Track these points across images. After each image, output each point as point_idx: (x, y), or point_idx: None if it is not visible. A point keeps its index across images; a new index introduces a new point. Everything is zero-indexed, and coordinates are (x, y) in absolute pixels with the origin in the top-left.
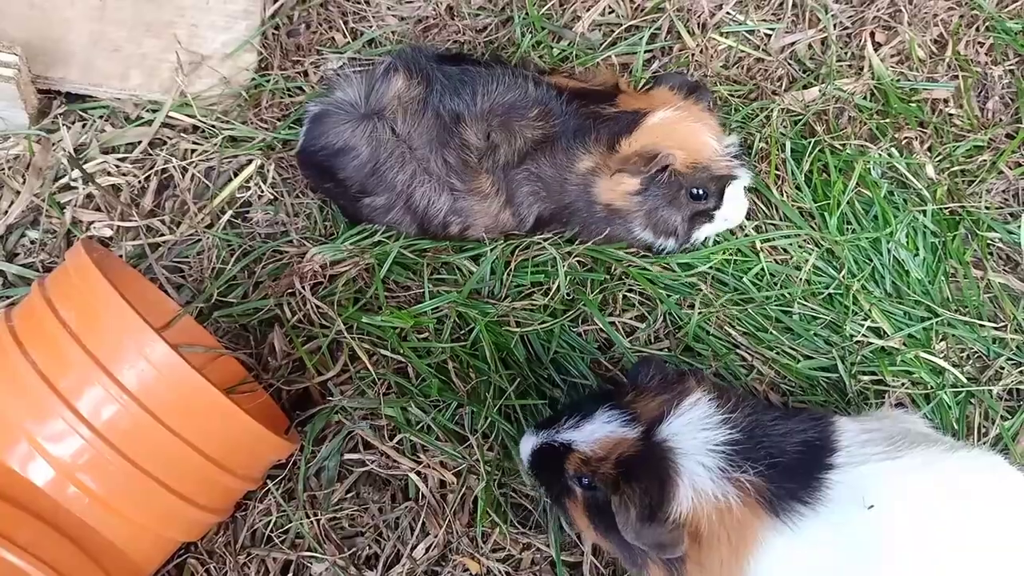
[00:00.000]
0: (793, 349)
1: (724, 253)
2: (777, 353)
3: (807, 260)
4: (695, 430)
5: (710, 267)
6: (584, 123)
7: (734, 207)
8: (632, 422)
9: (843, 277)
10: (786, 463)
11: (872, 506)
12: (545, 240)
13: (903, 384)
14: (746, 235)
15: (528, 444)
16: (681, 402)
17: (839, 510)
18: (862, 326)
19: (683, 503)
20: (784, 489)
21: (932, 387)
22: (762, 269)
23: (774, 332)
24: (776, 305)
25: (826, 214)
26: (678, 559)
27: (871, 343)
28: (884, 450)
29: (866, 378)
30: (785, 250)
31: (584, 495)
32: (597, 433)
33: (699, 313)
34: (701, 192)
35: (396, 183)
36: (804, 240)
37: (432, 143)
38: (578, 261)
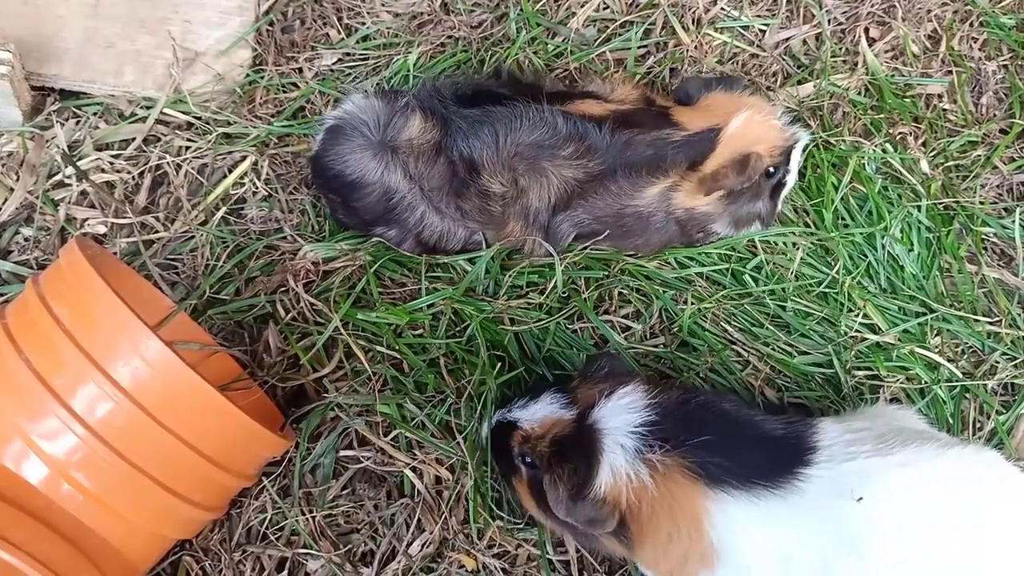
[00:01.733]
0: (789, 345)
1: (722, 250)
2: (773, 349)
3: (798, 255)
4: (619, 413)
5: (710, 269)
6: (647, 152)
7: (797, 165)
8: (570, 405)
9: (837, 273)
10: (731, 445)
11: (861, 498)
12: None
13: (898, 380)
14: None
15: (486, 427)
16: (615, 390)
17: (820, 502)
18: (855, 321)
19: (604, 481)
20: (723, 466)
21: (927, 382)
22: (758, 265)
23: (770, 328)
24: (772, 300)
25: (822, 210)
26: (625, 534)
27: (866, 338)
28: (873, 448)
29: (861, 373)
30: (781, 244)
31: (528, 473)
32: (539, 413)
33: (693, 308)
34: (774, 168)
35: (408, 222)
36: (798, 236)
37: (444, 190)
38: (573, 261)
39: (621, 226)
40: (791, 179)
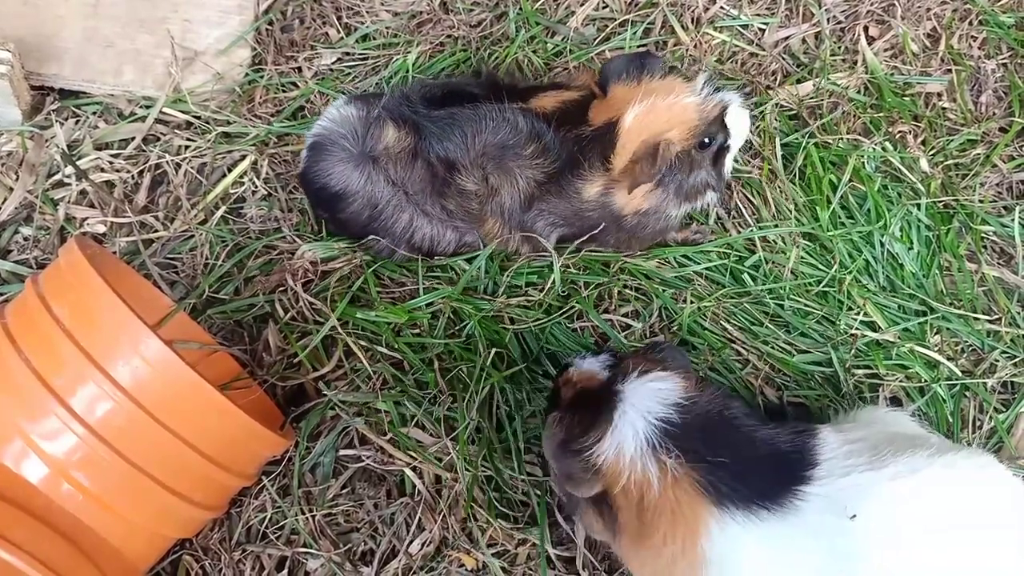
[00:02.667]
0: (788, 343)
1: (720, 248)
2: (772, 348)
3: (794, 253)
4: (646, 396)
5: (708, 267)
6: (572, 150)
7: (738, 127)
8: (610, 368)
9: (836, 272)
10: (742, 466)
11: (855, 516)
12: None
13: (897, 378)
14: (739, 231)
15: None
16: (651, 371)
17: (815, 520)
18: (855, 320)
19: (606, 454)
20: (733, 488)
21: (926, 381)
22: (756, 263)
23: (769, 327)
24: (771, 298)
25: (818, 208)
26: (606, 512)
27: (865, 336)
28: (868, 461)
29: (860, 372)
30: (779, 243)
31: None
32: (586, 364)
33: (693, 307)
34: (708, 139)
35: (396, 230)
36: (797, 235)
37: (427, 191)
38: (573, 261)
39: (591, 227)
40: (735, 142)
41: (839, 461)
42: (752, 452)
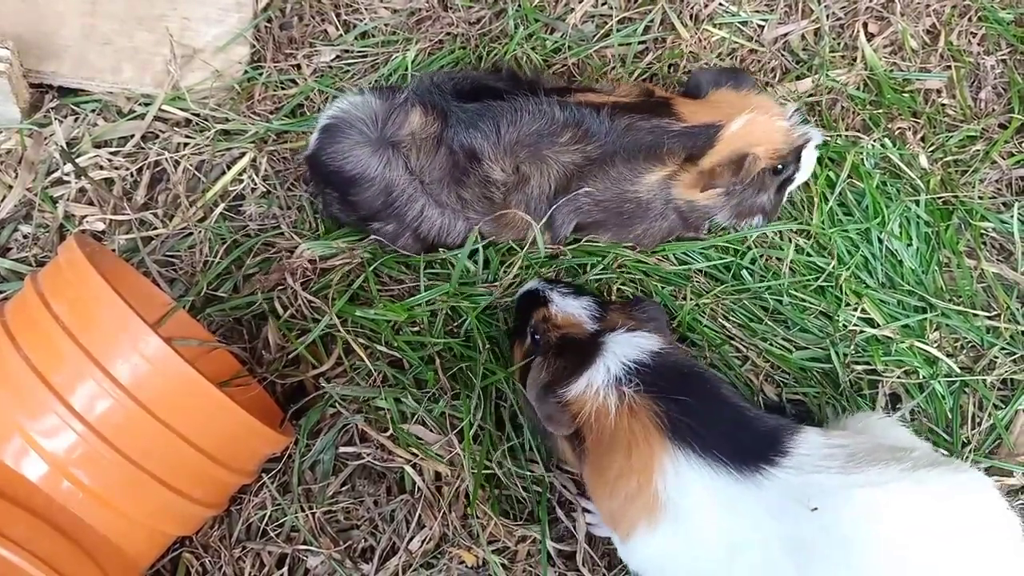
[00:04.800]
0: (787, 340)
1: (719, 244)
2: (771, 344)
3: (790, 249)
4: (625, 345)
5: (708, 265)
6: (645, 139)
7: (807, 164)
8: (597, 320)
9: (834, 268)
10: (710, 419)
11: (816, 508)
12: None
13: (896, 374)
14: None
15: (530, 283)
16: (637, 330)
17: (775, 501)
18: (853, 316)
19: (576, 389)
20: (695, 431)
21: (925, 377)
22: (753, 259)
23: (769, 323)
24: (770, 295)
25: (821, 204)
26: (579, 446)
27: (863, 331)
28: (841, 465)
29: (859, 368)
30: (777, 239)
31: (529, 346)
32: (570, 308)
33: (691, 304)
34: (781, 166)
35: (406, 216)
36: (796, 232)
37: (445, 180)
38: (571, 253)
39: (621, 213)
40: (800, 176)
41: (813, 459)
42: (722, 411)
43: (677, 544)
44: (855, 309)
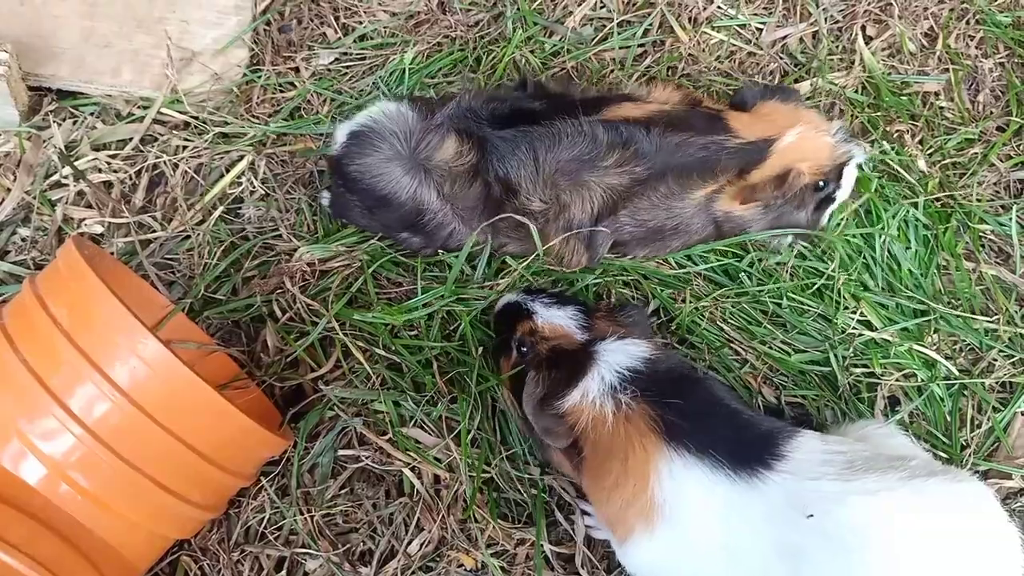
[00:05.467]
0: (785, 343)
1: (717, 249)
2: (770, 347)
3: (791, 254)
4: (617, 353)
5: (706, 268)
6: (698, 155)
7: (848, 183)
8: (586, 330)
9: (834, 271)
10: (705, 420)
11: (811, 515)
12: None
13: (894, 377)
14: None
15: (507, 297)
16: (627, 337)
17: (771, 505)
18: (852, 318)
19: (572, 399)
20: (691, 434)
21: (924, 380)
22: (751, 262)
23: (768, 327)
24: (769, 298)
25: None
26: (577, 456)
27: (862, 334)
28: (838, 471)
29: (858, 371)
30: (775, 242)
31: (516, 359)
32: (556, 319)
33: (690, 307)
34: (824, 183)
35: (437, 236)
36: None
37: (477, 210)
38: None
39: (662, 230)
40: (840, 195)
41: (811, 465)
42: (717, 413)
43: (674, 547)
44: (854, 312)
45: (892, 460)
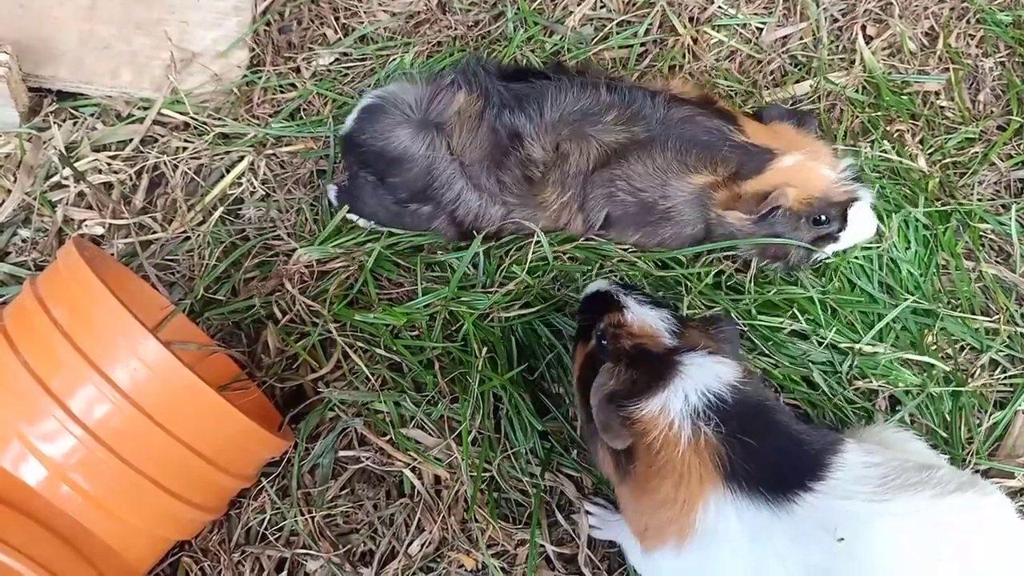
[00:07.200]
0: (784, 342)
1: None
2: (769, 350)
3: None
4: (706, 371)
5: (704, 269)
6: (702, 136)
7: (860, 226)
8: (675, 336)
9: (833, 272)
10: (764, 454)
11: (842, 539)
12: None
13: (894, 376)
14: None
15: (599, 284)
16: (717, 354)
17: (803, 527)
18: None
19: (650, 408)
20: (746, 471)
21: (924, 380)
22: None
23: (765, 328)
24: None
25: None
26: (627, 463)
27: (859, 344)
28: (871, 491)
29: (860, 383)
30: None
31: (593, 347)
32: (647, 317)
33: (688, 299)
34: (824, 218)
35: (445, 198)
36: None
37: (485, 161)
38: (570, 257)
39: (654, 210)
40: (846, 237)
41: (846, 483)
42: (778, 446)
43: (702, 566)
44: (853, 312)
45: (920, 472)
